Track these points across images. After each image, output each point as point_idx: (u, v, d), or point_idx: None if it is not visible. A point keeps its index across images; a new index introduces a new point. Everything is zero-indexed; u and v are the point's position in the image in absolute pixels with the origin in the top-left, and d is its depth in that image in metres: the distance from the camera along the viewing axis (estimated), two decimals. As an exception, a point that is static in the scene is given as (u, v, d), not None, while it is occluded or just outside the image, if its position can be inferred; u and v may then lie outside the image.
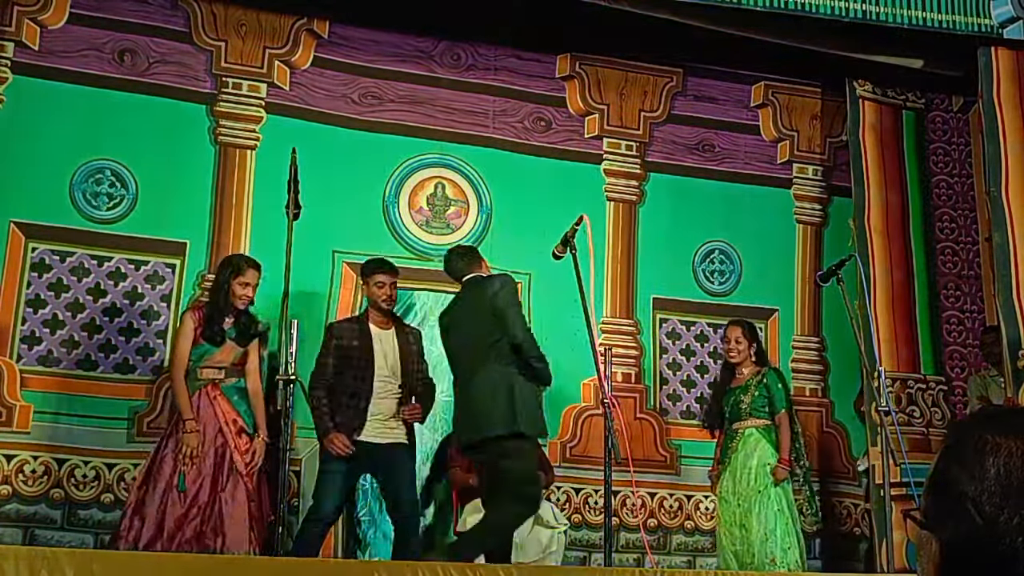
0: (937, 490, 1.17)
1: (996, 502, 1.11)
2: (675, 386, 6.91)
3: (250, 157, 6.34)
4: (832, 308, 6.87)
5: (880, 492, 5.59)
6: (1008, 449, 1.13)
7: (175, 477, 5.07)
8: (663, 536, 6.61)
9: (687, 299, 7.00)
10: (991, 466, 1.13)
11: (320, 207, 5.72)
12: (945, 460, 1.18)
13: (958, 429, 1.21)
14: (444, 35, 6.80)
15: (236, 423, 5.25)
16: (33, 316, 5.87)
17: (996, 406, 5.50)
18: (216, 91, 6.36)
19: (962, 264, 6.82)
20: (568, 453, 6.55)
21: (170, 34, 6.32)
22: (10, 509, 5.62)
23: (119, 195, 6.11)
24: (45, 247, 5.95)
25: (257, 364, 5.44)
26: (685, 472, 6.73)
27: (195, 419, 5.17)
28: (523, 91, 6.92)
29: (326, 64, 6.58)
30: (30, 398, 5.76)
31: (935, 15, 6.30)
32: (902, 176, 6.88)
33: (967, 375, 6.68)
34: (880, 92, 6.98)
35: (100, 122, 6.12)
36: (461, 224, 6.72)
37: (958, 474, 1.15)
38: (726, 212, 7.11)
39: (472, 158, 6.78)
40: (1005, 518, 1.10)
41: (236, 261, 5.50)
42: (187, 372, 5.30)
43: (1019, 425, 1.15)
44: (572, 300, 5.13)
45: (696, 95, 7.22)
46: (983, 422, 1.18)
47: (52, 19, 6.10)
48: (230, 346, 5.35)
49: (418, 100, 6.72)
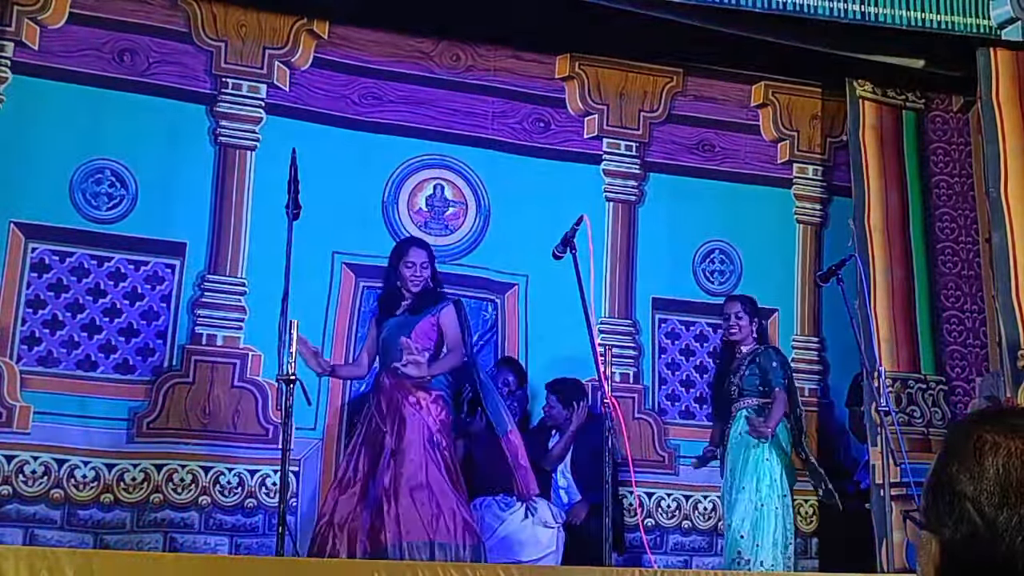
0: (936, 490, 1.17)
1: (995, 502, 1.11)
2: (674, 386, 6.92)
3: (250, 158, 6.34)
4: (832, 308, 6.87)
5: (880, 492, 5.59)
6: (1007, 449, 1.13)
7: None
8: (660, 536, 6.61)
9: (686, 299, 7.00)
10: (990, 466, 1.13)
11: (319, 208, 5.72)
12: (944, 460, 1.18)
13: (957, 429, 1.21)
14: (443, 36, 6.80)
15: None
16: (33, 316, 5.87)
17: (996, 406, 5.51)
18: (216, 91, 6.36)
19: (962, 264, 6.82)
20: (568, 453, 6.55)
21: (170, 34, 6.32)
22: (10, 509, 5.62)
23: (119, 195, 6.11)
24: (45, 247, 5.95)
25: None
26: (683, 472, 6.73)
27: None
28: (522, 92, 6.91)
29: (326, 65, 6.58)
30: (30, 398, 5.76)
31: (935, 15, 6.29)
32: (902, 176, 6.87)
33: (967, 375, 6.68)
34: (880, 92, 6.97)
35: (100, 122, 6.12)
36: (460, 225, 6.72)
37: (957, 474, 1.15)
38: (726, 212, 7.11)
39: (471, 159, 6.78)
40: (1004, 518, 1.10)
41: (400, 244, 5.65)
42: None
43: (1019, 425, 1.16)
44: (571, 301, 5.13)
45: (696, 95, 7.22)
46: (982, 422, 1.18)
47: (52, 19, 6.09)
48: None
49: (417, 101, 6.72)
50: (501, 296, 6.66)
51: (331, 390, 6.28)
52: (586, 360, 5.97)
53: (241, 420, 6.10)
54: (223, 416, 6.08)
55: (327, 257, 6.37)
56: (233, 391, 6.12)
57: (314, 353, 5.31)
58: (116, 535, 5.74)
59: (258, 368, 6.16)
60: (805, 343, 7.12)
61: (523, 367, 6.44)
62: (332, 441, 6.23)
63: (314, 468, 6.19)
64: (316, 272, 6.21)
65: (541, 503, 5.91)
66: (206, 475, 5.97)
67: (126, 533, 5.77)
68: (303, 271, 5.46)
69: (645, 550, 6.03)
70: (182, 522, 5.89)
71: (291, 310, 4.80)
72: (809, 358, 7.12)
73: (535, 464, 6.11)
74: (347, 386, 6.33)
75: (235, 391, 6.13)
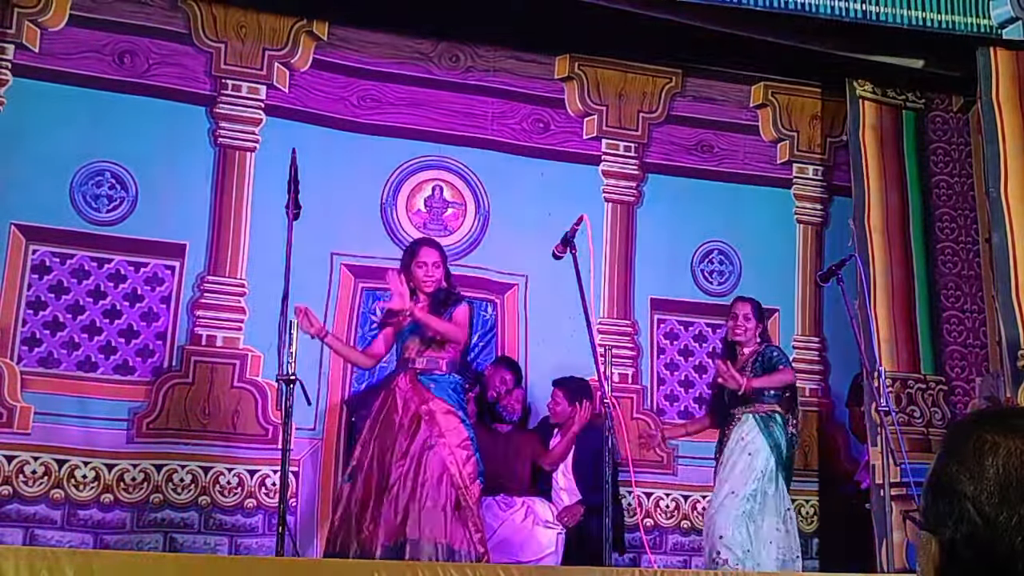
0: (936, 490, 1.18)
1: (995, 502, 1.11)
2: (672, 386, 6.92)
3: (249, 159, 6.35)
4: (832, 308, 6.87)
5: (880, 492, 5.58)
6: (1007, 449, 1.13)
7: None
8: (659, 536, 6.61)
9: (685, 299, 7.00)
10: (990, 466, 1.13)
11: (318, 209, 5.72)
12: (944, 460, 1.18)
13: (957, 429, 1.21)
14: (443, 37, 6.80)
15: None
16: (34, 318, 5.88)
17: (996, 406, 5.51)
18: (216, 93, 6.36)
19: (962, 264, 6.82)
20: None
21: (170, 36, 6.32)
22: (10, 509, 5.64)
23: (119, 197, 6.11)
24: (46, 249, 5.95)
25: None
26: (682, 472, 6.73)
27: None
28: (522, 92, 6.91)
29: (325, 66, 6.58)
30: (31, 399, 5.76)
31: (935, 15, 6.29)
32: (902, 176, 6.87)
33: (967, 375, 6.68)
34: (880, 92, 6.97)
35: (100, 124, 6.13)
36: (459, 226, 6.72)
37: (957, 474, 1.15)
38: (725, 213, 7.11)
39: (470, 160, 6.78)
40: (1004, 518, 1.10)
41: (412, 245, 5.55)
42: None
43: (1019, 425, 1.16)
44: (570, 301, 5.13)
45: (695, 96, 7.22)
46: (982, 422, 1.18)
47: (52, 21, 6.10)
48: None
49: (417, 102, 6.72)
50: (501, 296, 6.66)
51: (330, 390, 6.28)
52: (586, 360, 5.99)
53: (241, 420, 6.11)
54: (223, 416, 6.08)
55: (326, 258, 6.38)
56: (233, 391, 6.13)
57: (304, 313, 5.11)
58: (116, 535, 5.75)
59: (258, 368, 6.16)
60: (805, 343, 7.12)
61: (519, 366, 6.43)
62: (332, 441, 6.24)
63: (314, 468, 6.19)
64: (315, 273, 6.21)
65: (541, 503, 5.92)
66: (206, 475, 5.97)
67: (126, 533, 5.78)
68: (302, 272, 5.46)
69: (645, 550, 6.04)
70: (182, 522, 5.90)
71: (291, 310, 4.80)
72: (809, 358, 7.12)
73: (535, 464, 6.12)
74: (347, 386, 6.33)
75: (235, 391, 6.13)
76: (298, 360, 4.73)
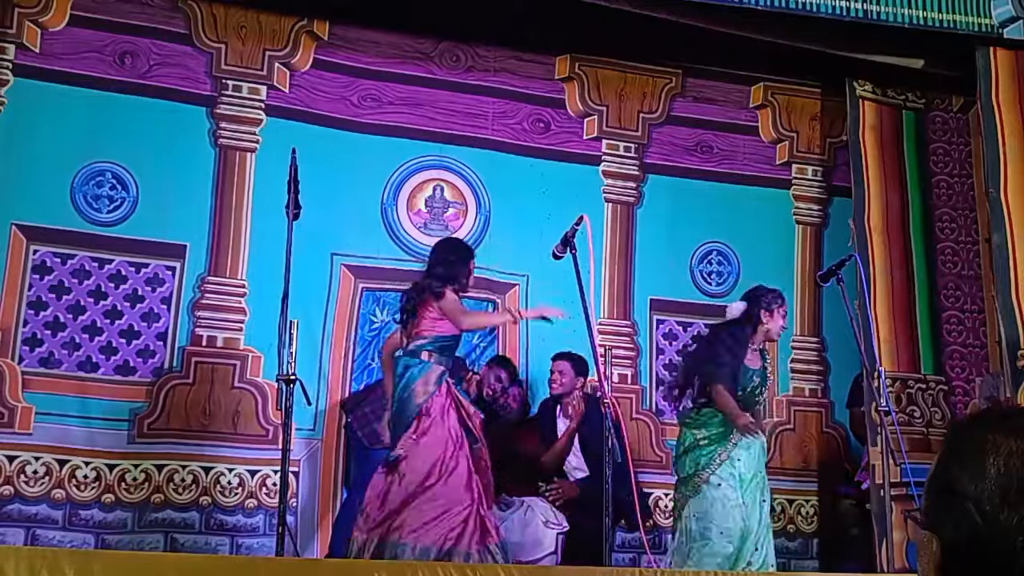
0: (937, 490, 1.18)
1: (996, 502, 1.12)
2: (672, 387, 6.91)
3: (250, 159, 6.35)
4: (832, 308, 6.87)
5: (880, 492, 5.59)
6: (1008, 449, 1.14)
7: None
8: (659, 536, 6.61)
9: (684, 300, 7.00)
10: (991, 466, 1.13)
11: (319, 209, 5.72)
12: (945, 460, 1.18)
13: (958, 429, 1.21)
14: (443, 37, 6.80)
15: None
16: (35, 318, 5.88)
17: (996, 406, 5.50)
18: (216, 93, 6.36)
19: (962, 264, 6.82)
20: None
21: (170, 36, 6.32)
22: (12, 509, 5.64)
23: (120, 198, 6.12)
24: (46, 249, 5.96)
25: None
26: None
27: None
28: (522, 92, 6.92)
29: (326, 66, 6.58)
30: (32, 399, 5.77)
31: (935, 15, 6.30)
32: (902, 176, 6.87)
33: (967, 375, 6.68)
34: (880, 92, 6.97)
35: (101, 124, 6.13)
36: (460, 226, 6.73)
37: (958, 474, 1.15)
38: (725, 213, 7.11)
39: (471, 160, 6.79)
40: (1005, 518, 1.11)
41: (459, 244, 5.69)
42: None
43: (1019, 425, 1.16)
44: (571, 301, 5.13)
45: (695, 96, 7.22)
46: (983, 422, 1.19)
47: (53, 21, 6.10)
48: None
49: (417, 102, 6.72)
50: (501, 296, 6.66)
51: (330, 390, 6.29)
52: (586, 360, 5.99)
53: (241, 421, 6.11)
54: (223, 417, 6.09)
55: (326, 258, 6.38)
56: (233, 392, 6.13)
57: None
58: (117, 535, 5.76)
59: (258, 369, 6.17)
60: (805, 343, 7.12)
61: (515, 365, 6.43)
62: (331, 441, 6.24)
63: (314, 468, 6.19)
64: (315, 273, 6.21)
65: (541, 503, 5.92)
66: (207, 475, 5.98)
67: (127, 533, 5.78)
68: (303, 272, 5.46)
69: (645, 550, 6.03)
70: (183, 522, 5.90)
71: (291, 311, 4.80)
72: (809, 358, 7.12)
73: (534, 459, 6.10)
74: (346, 386, 6.34)
75: (235, 392, 6.14)
76: (298, 361, 4.73)
